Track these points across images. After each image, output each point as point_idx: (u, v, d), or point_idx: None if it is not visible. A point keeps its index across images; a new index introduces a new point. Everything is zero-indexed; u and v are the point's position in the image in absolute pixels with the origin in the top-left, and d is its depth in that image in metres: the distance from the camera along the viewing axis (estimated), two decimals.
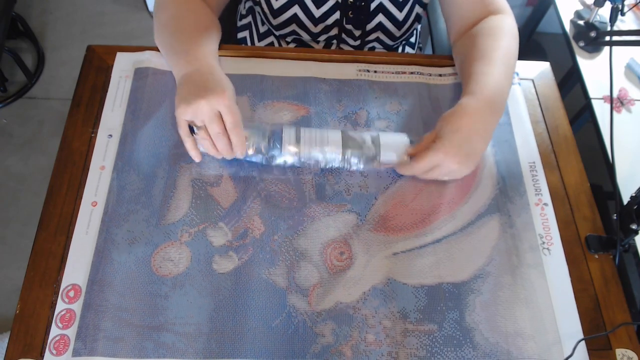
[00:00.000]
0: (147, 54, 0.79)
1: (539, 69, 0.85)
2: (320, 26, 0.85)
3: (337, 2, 0.82)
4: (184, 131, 0.65)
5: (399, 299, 0.62)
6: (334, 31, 0.87)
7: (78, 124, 0.73)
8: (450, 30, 0.84)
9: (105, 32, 2.02)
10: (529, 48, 1.89)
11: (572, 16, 1.16)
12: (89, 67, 0.78)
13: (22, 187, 1.64)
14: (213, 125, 0.63)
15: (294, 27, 0.86)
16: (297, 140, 0.67)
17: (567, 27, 1.15)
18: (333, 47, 0.91)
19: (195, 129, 0.64)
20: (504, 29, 0.76)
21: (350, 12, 0.83)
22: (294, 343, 0.59)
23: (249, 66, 0.79)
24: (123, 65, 0.78)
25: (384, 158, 0.68)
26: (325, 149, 0.68)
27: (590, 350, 0.61)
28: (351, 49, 0.91)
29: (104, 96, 0.75)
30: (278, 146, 0.67)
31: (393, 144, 0.69)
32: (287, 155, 0.68)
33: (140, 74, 0.77)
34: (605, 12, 1.06)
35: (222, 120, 0.63)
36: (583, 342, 0.61)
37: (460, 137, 0.65)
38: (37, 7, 2.06)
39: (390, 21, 0.85)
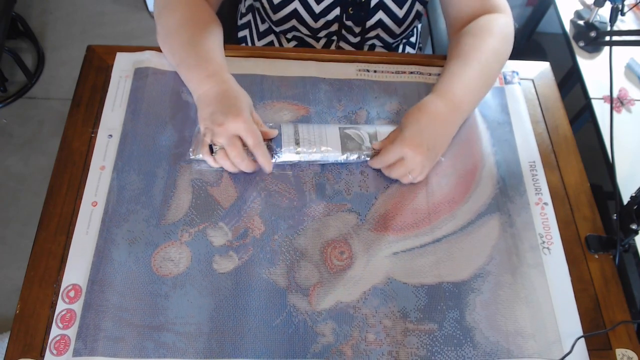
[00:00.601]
0: (147, 53, 0.79)
1: (539, 69, 0.86)
2: (321, 22, 0.85)
3: None
4: (204, 150, 0.67)
5: (399, 299, 0.62)
6: (334, 27, 0.87)
7: (78, 124, 0.73)
8: (448, 28, 0.84)
9: (105, 32, 2.02)
10: (529, 48, 1.89)
11: (572, 16, 1.16)
12: (89, 67, 0.78)
13: (22, 187, 1.64)
14: (230, 149, 0.65)
15: (294, 22, 0.86)
16: (297, 142, 0.69)
17: (567, 27, 1.15)
18: (333, 43, 0.91)
19: (214, 148, 0.66)
20: (493, 29, 0.75)
21: (350, 8, 0.84)
22: (294, 342, 0.59)
23: (249, 66, 0.79)
24: (123, 65, 0.78)
25: None
26: (325, 153, 0.69)
27: (590, 350, 0.61)
28: (351, 46, 0.92)
29: (104, 96, 0.75)
30: (278, 150, 0.68)
31: None
32: (286, 158, 0.69)
33: (140, 74, 0.77)
34: (605, 12, 1.06)
35: (241, 142, 0.65)
36: (583, 342, 0.61)
37: (420, 131, 0.67)
38: (37, 7, 2.06)
39: (390, 18, 0.86)
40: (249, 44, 0.98)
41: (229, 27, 1.02)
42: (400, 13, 0.85)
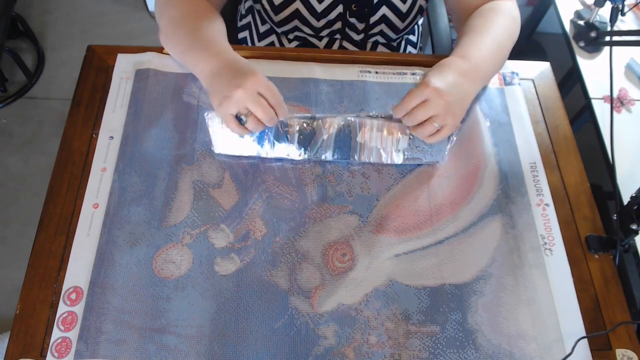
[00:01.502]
0: (148, 55, 0.79)
1: (539, 69, 0.85)
2: (323, 21, 0.85)
3: None
4: (233, 124, 0.65)
5: (401, 301, 0.62)
6: (337, 25, 0.87)
7: (78, 124, 0.73)
8: (455, 24, 0.85)
9: (105, 32, 2.02)
10: (529, 48, 1.89)
11: (572, 16, 1.16)
12: (89, 67, 0.78)
13: (22, 187, 1.64)
14: (259, 108, 0.63)
15: (296, 23, 0.86)
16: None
17: (567, 27, 1.15)
18: (336, 42, 0.91)
19: (243, 118, 0.64)
20: (499, 11, 0.77)
21: (353, 5, 0.83)
22: (296, 345, 0.59)
23: None
24: (124, 67, 0.77)
25: None
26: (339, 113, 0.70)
27: (590, 350, 0.61)
28: (354, 44, 0.91)
29: (104, 96, 0.75)
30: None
31: None
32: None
33: (141, 76, 0.77)
34: (605, 12, 1.06)
35: (265, 99, 0.64)
36: (585, 343, 0.61)
37: (444, 77, 0.67)
38: (37, 7, 2.05)
39: (394, 13, 0.86)
40: (249, 45, 0.98)
41: (229, 29, 1.02)
42: (404, 7, 0.85)
